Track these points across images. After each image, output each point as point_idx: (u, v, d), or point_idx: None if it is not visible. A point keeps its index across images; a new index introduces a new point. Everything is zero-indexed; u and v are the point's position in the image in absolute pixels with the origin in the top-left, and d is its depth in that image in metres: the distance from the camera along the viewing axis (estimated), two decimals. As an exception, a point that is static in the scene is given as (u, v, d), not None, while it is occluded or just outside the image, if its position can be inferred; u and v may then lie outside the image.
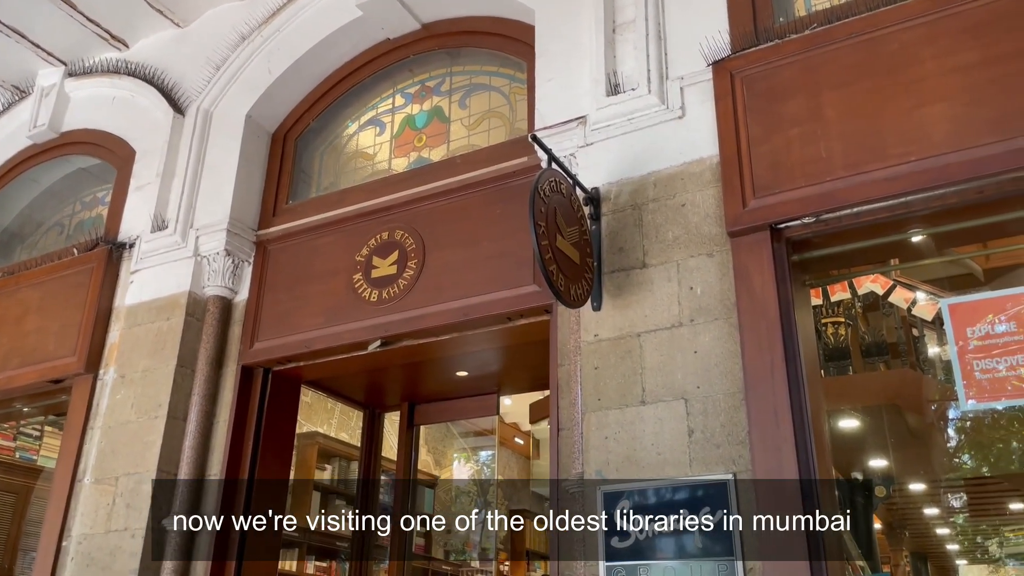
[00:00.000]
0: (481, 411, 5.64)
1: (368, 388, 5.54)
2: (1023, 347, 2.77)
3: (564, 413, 3.66)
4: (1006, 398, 2.77)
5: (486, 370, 5.04)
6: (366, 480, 5.66)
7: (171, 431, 4.46)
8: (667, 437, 3.25)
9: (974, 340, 2.83)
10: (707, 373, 3.27)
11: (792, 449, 2.98)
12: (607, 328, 3.55)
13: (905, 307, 5.56)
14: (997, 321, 2.82)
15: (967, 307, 2.91)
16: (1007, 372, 2.76)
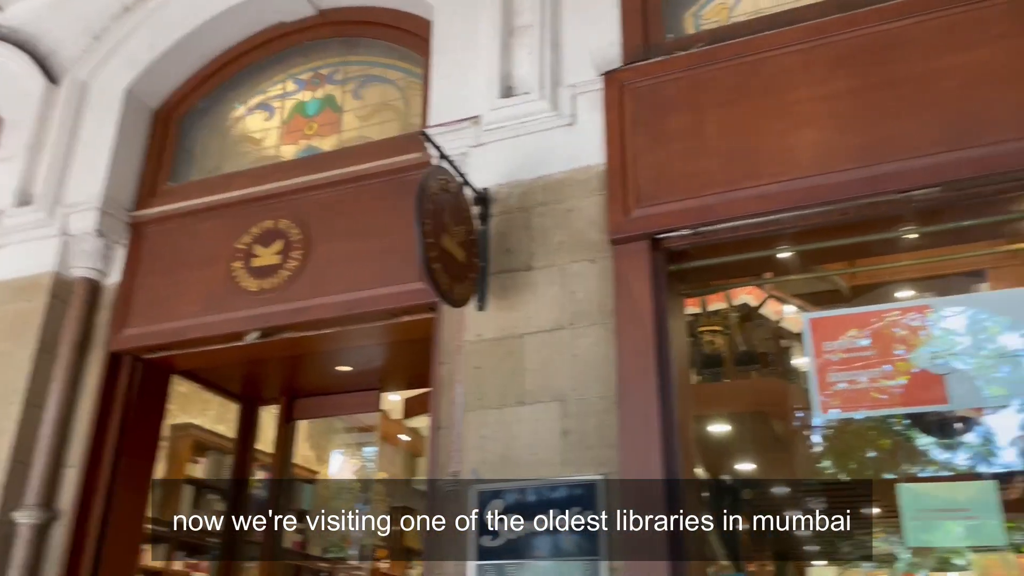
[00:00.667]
0: (363, 407, 5.57)
1: (245, 380, 5.38)
2: (875, 362, 2.95)
3: (443, 412, 3.66)
4: (856, 410, 2.94)
5: (369, 366, 4.98)
6: (239, 475, 5.49)
7: (28, 419, 4.20)
8: (543, 438, 3.30)
9: (830, 353, 3.00)
10: (584, 376, 3.34)
11: (659, 452, 3.07)
12: (490, 328, 3.58)
13: (776, 319, 5.84)
14: (853, 336, 3.00)
15: (826, 322, 3.08)
16: (859, 385, 2.94)
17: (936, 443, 6.12)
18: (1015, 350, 2.81)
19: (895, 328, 2.93)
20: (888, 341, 2.92)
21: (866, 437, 6.93)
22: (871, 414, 2.88)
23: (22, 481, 4.12)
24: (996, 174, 2.92)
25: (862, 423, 6.98)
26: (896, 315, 2.97)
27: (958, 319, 2.93)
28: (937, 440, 5.96)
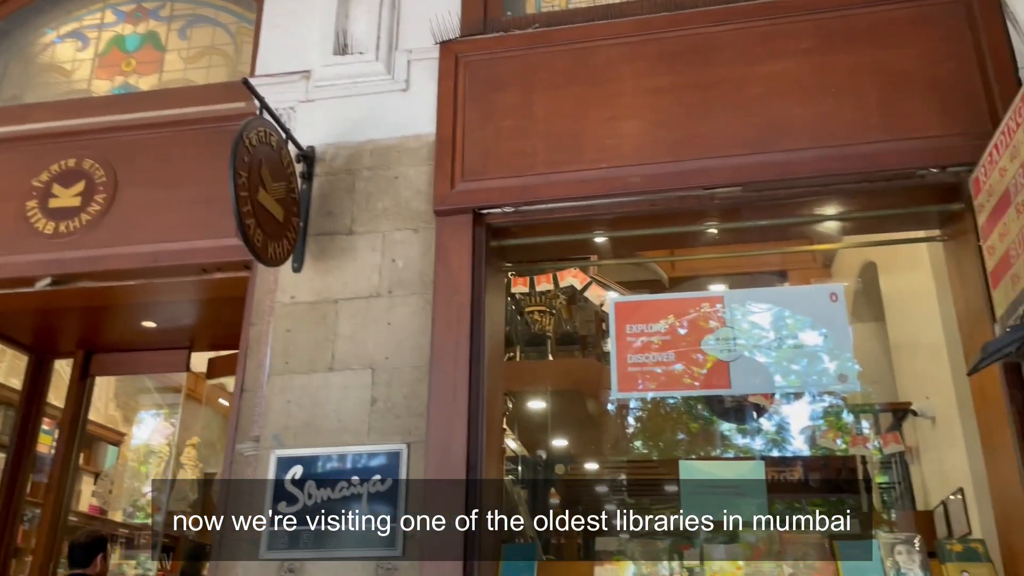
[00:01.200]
0: (170, 366, 5.28)
1: (37, 330, 4.94)
2: (668, 347, 3.11)
3: (250, 375, 3.53)
4: (649, 391, 3.10)
5: (177, 323, 4.72)
6: (24, 431, 5.06)
7: None
8: (350, 405, 3.27)
9: (631, 336, 3.14)
10: (398, 345, 3.32)
11: (464, 423, 3.11)
12: (305, 291, 3.49)
13: (598, 303, 6.05)
14: (652, 322, 3.15)
15: (629, 306, 3.22)
16: (653, 368, 3.10)
17: (736, 429, 6.58)
18: (812, 346, 3.03)
19: (689, 317, 3.10)
20: (682, 328, 3.09)
21: (674, 421, 7.36)
22: (661, 395, 3.04)
23: None
24: (793, 179, 3.14)
25: (671, 407, 7.41)
26: (692, 305, 3.14)
27: (760, 314, 3.13)
28: (736, 426, 6.41)
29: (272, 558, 3.06)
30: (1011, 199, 2.48)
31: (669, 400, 7.64)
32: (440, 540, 2.95)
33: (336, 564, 3.02)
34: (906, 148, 3.04)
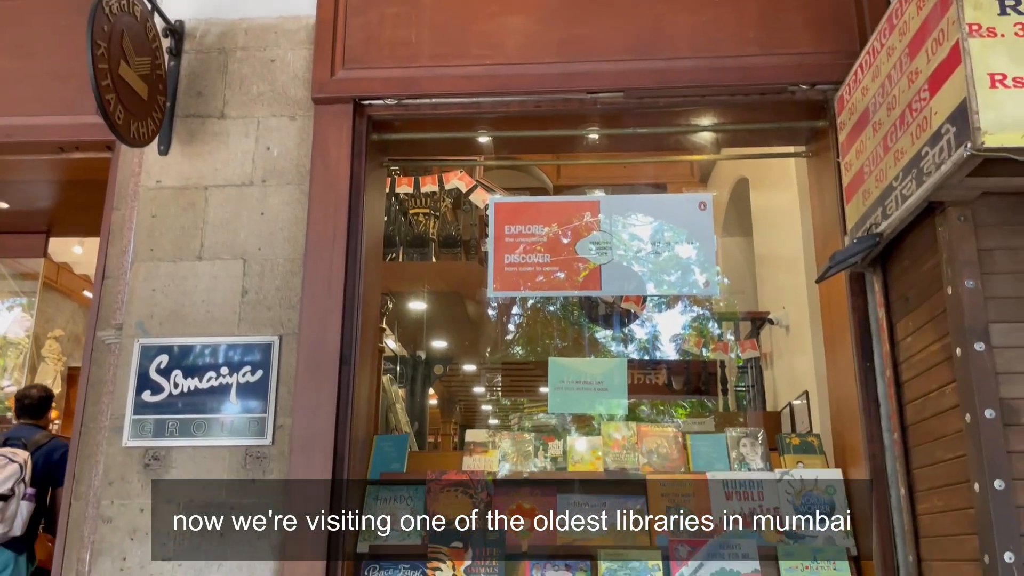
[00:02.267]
0: (26, 251, 4.99)
1: None
2: (544, 249, 3.17)
3: (113, 261, 3.39)
4: (523, 290, 3.17)
5: (34, 205, 4.44)
6: None
7: None
8: (220, 295, 3.19)
9: (509, 237, 3.18)
10: (271, 236, 3.24)
11: (339, 317, 3.10)
12: (172, 175, 3.33)
13: (482, 207, 6.06)
14: (530, 223, 3.19)
15: (509, 207, 3.24)
16: (528, 268, 3.16)
17: (609, 336, 6.84)
18: (680, 252, 3.15)
19: (567, 221, 3.16)
20: (559, 230, 3.15)
21: (550, 327, 7.57)
22: (536, 294, 3.11)
23: None
24: (672, 87, 3.19)
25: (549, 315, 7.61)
26: (570, 209, 3.20)
27: (634, 221, 3.21)
28: (609, 332, 6.66)
29: (136, 446, 3.01)
30: (869, 118, 2.61)
31: (548, 308, 7.85)
32: (310, 430, 2.97)
33: (203, 452, 3.00)
34: (780, 63, 3.13)
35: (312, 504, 2.88)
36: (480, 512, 3.18)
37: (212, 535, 2.90)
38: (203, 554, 2.88)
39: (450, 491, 3.24)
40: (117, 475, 3.00)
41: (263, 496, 2.94)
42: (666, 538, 2.92)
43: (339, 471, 2.97)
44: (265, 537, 2.89)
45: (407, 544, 3.13)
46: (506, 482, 3.27)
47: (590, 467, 3.21)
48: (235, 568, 2.87)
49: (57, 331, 9.46)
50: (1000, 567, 2.07)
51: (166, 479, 2.98)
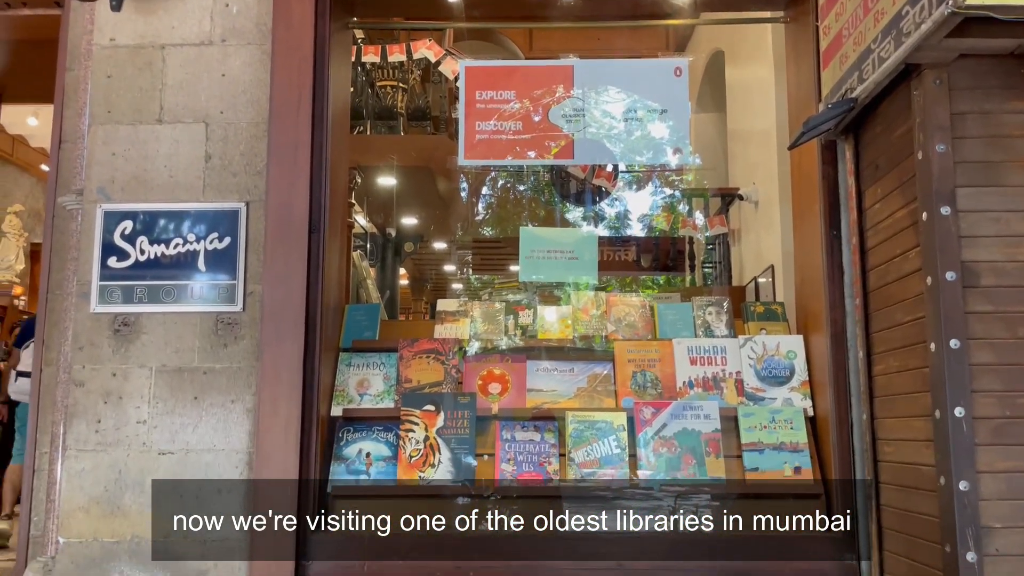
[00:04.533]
0: (-24, 117, 4.77)
1: None
2: (517, 115, 3.11)
3: (69, 124, 3.27)
4: (493, 158, 3.12)
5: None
6: None
7: None
8: (182, 161, 3.10)
9: (480, 103, 3.11)
10: (233, 99, 3.13)
11: (306, 183, 3.04)
12: (126, 33, 3.17)
13: (452, 78, 5.90)
14: (501, 88, 3.11)
15: (481, 71, 3.15)
16: (500, 136, 3.10)
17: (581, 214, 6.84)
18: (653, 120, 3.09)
19: (540, 88, 3.08)
20: (532, 97, 3.08)
21: (521, 205, 7.54)
22: (506, 164, 3.07)
23: None
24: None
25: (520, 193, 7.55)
26: (543, 75, 3.11)
27: (607, 88, 3.13)
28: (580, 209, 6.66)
29: (104, 311, 3.00)
30: (851, -21, 2.54)
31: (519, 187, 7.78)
32: (281, 297, 2.96)
33: (174, 317, 2.99)
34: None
35: (284, 367, 2.91)
36: (451, 378, 3.25)
37: (186, 398, 2.94)
38: (178, 416, 2.93)
39: (422, 358, 3.30)
40: (87, 340, 2.99)
41: (235, 361, 2.97)
42: (631, 400, 3.02)
43: (311, 337, 2.99)
44: (239, 400, 2.94)
45: (380, 408, 3.20)
46: (476, 350, 3.33)
47: (559, 335, 3.27)
48: (210, 430, 2.93)
49: (16, 206, 9.25)
50: (950, 421, 2.17)
51: (137, 344, 2.98)
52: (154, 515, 2.86)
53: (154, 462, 2.91)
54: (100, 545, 2.86)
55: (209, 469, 2.90)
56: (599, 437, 2.95)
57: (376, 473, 3.07)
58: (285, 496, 2.83)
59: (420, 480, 3.02)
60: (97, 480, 2.90)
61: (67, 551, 2.87)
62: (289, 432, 2.88)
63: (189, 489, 2.87)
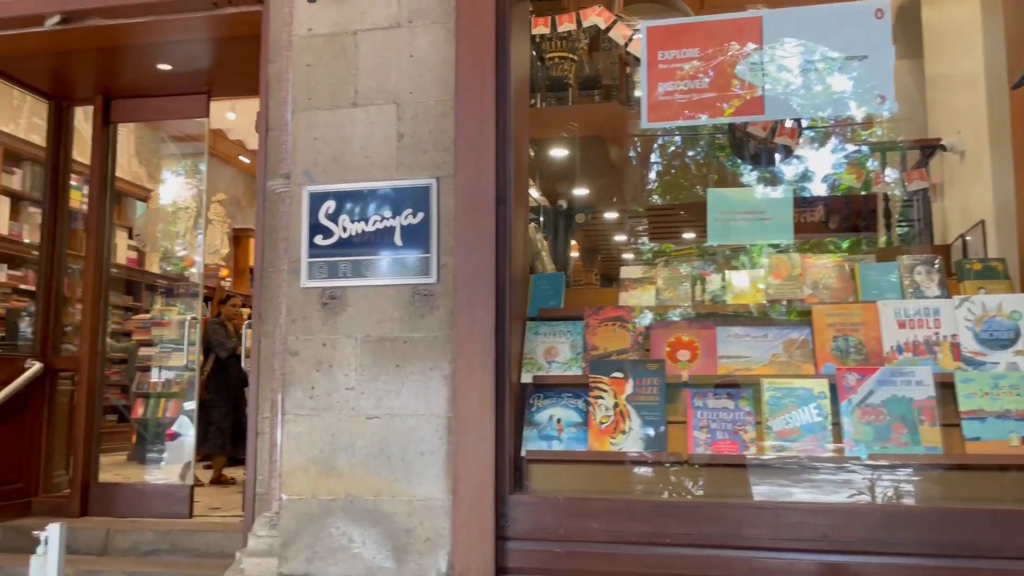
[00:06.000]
0: (189, 112, 5.21)
1: (54, 75, 4.86)
2: (702, 73, 3.01)
3: (274, 113, 3.51)
4: (679, 119, 3.05)
5: (194, 65, 4.61)
6: (55, 182, 5.14)
7: None
8: (376, 141, 3.25)
9: (663, 63, 3.04)
10: (421, 79, 3.24)
11: (492, 157, 3.11)
12: (322, 23, 3.35)
13: (623, 44, 5.81)
14: (685, 47, 3.02)
15: (663, 31, 3.08)
16: (685, 96, 3.02)
17: (756, 176, 6.57)
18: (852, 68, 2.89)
19: (724, 40, 2.97)
20: (717, 54, 2.97)
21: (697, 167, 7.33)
22: (694, 123, 2.98)
23: None
24: None
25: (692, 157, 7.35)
26: (728, 28, 3.00)
27: (798, 39, 2.97)
28: (756, 170, 6.39)
29: (313, 286, 3.21)
30: None
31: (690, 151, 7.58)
32: (472, 267, 3.06)
33: (375, 290, 3.16)
34: None
35: (477, 334, 3.00)
36: (638, 345, 3.24)
37: (389, 366, 3.11)
38: (382, 383, 3.09)
39: (608, 325, 3.30)
40: (299, 313, 3.22)
41: (432, 330, 3.10)
42: (832, 366, 2.88)
43: (501, 305, 3.06)
44: (437, 368, 3.07)
45: (568, 375, 3.24)
46: (664, 316, 3.30)
47: (750, 300, 3.17)
48: (411, 396, 3.07)
49: (220, 195, 10.10)
50: None
51: (343, 316, 3.17)
52: (364, 475, 3.05)
53: (362, 426, 3.10)
54: (318, 502, 3.10)
55: (412, 433, 3.05)
56: (799, 405, 2.84)
57: (567, 439, 3.12)
58: (483, 458, 2.94)
59: (611, 446, 3.04)
60: (313, 442, 3.13)
61: (289, 507, 3.12)
62: (484, 397, 2.98)
63: (395, 451, 3.04)
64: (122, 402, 7.14)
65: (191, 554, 4.28)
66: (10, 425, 4.70)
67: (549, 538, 2.90)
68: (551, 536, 2.90)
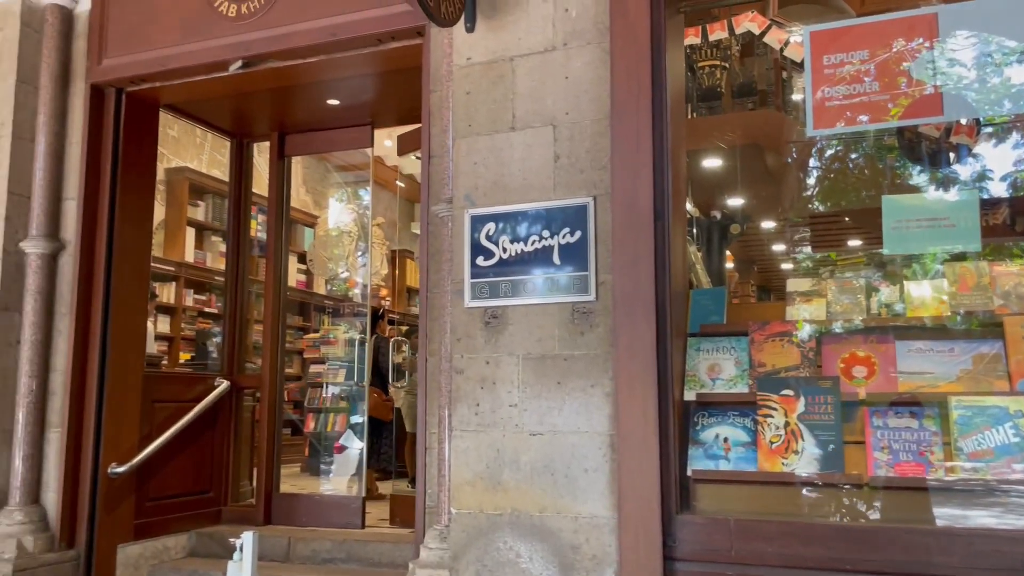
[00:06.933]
0: (355, 143, 5.53)
1: (235, 115, 5.30)
2: (872, 75, 2.87)
3: (436, 140, 3.66)
4: (849, 124, 2.92)
5: (359, 99, 4.88)
6: (237, 212, 5.57)
7: (19, 152, 4.19)
8: (534, 163, 3.31)
9: (828, 68, 2.92)
10: (576, 99, 3.28)
11: (649, 173, 3.09)
12: (480, 51, 3.46)
13: (778, 48, 5.63)
14: (852, 49, 2.90)
15: (828, 34, 2.96)
16: (854, 99, 2.89)
17: (929, 178, 6.16)
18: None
19: (896, 40, 2.82)
20: (888, 54, 2.83)
21: (859, 175, 6.97)
22: (863, 128, 2.84)
23: (24, 212, 4.19)
24: None
25: (855, 162, 6.98)
26: (900, 27, 2.85)
27: (966, 51, 2.80)
28: (930, 173, 5.99)
29: (476, 306, 3.30)
30: None
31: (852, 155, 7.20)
32: (631, 284, 3.05)
33: (535, 309, 3.22)
34: None
35: (638, 351, 2.99)
36: (808, 361, 3.11)
37: (550, 383, 3.15)
38: (544, 400, 3.14)
39: (774, 341, 3.20)
40: (463, 332, 3.32)
41: (592, 348, 3.11)
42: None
43: (661, 322, 3.04)
44: (598, 385, 3.07)
45: (734, 393, 3.16)
46: (835, 330, 3.16)
47: (933, 312, 2.98)
48: (573, 413, 3.09)
49: (379, 219, 10.58)
50: None
51: (504, 334, 3.25)
52: (529, 491, 3.10)
53: (526, 442, 3.15)
54: (485, 516, 3.17)
55: (575, 450, 3.07)
56: (992, 424, 2.64)
57: (735, 458, 3.04)
58: (648, 476, 2.91)
59: (783, 466, 2.93)
60: (479, 457, 3.21)
61: (458, 521, 3.22)
62: (647, 415, 2.96)
63: (558, 468, 3.07)
64: (295, 416, 7.62)
65: (365, 563, 4.48)
66: (202, 439, 5.12)
67: (719, 560, 2.84)
68: (721, 558, 2.83)
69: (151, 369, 5.04)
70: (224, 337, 5.58)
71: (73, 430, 4.17)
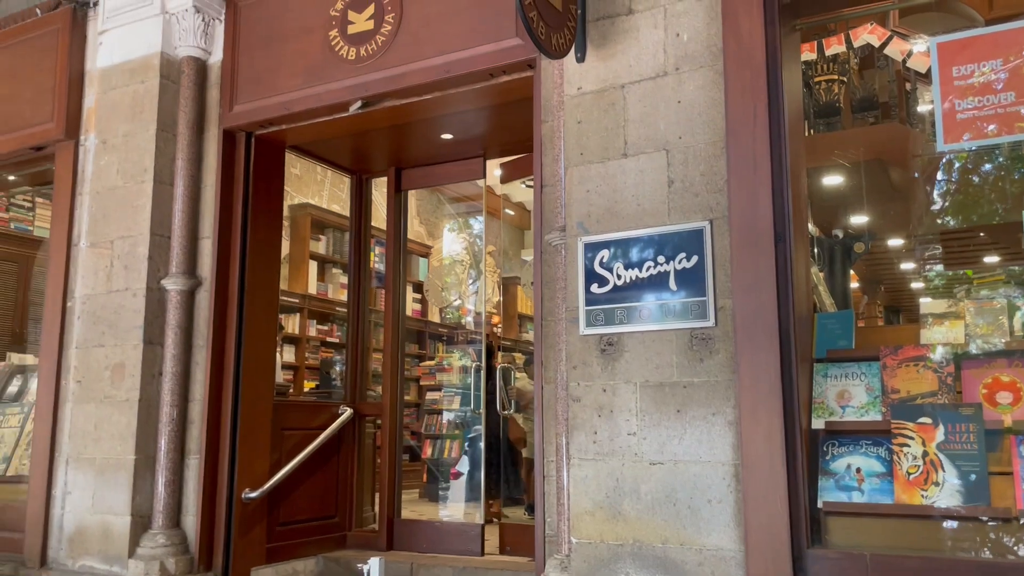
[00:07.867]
0: (468, 175, 5.65)
1: (354, 152, 5.51)
2: (1006, 85, 2.72)
3: (547, 170, 3.69)
4: (983, 138, 2.77)
5: (471, 132, 4.99)
6: (358, 245, 5.78)
7: (159, 195, 4.50)
8: (647, 189, 3.29)
9: (958, 79, 2.79)
10: (690, 123, 3.25)
11: (768, 193, 3.02)
12: (590, 80, 3.48)
13: (900, 59, 5.41)
14: (983, 60, 2.76)
15: (956, 44, 2.83)
16: (987, 111, 2.74)
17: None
18: None
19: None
20: (1022, 62, 2.68)
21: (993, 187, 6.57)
22: (998, 141, 2.68)
23: (165, 251, 4.48)
24: None
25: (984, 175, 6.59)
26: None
27: None
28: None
29: (591, 333, 3.29)
30: None
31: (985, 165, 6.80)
32: (752, 309, 2.97)
33: (652, 336, 3.18)
34: None
35: (761, 378, 2.90)
36: (946, 387, 2.94)
37: (669, 411, 3.09)
38: (664, 428, 3.08)
39: (909, 366, 3.04)
40: (579, 360, 3.32)
41: (712, 375, 3.04)
42: None
43: (785, 348, 2.94)
44: (720, 413, 3.00)
45: (866, 421, 3.02)
46: (975, 353, 2.97)
47: (1086, 333, 2.77)
48: (694, 442, 3.03)
49: (490, 247, 10.75)
50: None
51: (621, 361, 3.22)
52: (650, 521, 3.05)
53: (645, 471, 3.11)
54: (606, 547, 3.13)
55: (697, 480, 3.00)
56: None
57: (869, 490, 2.89)
58: (775, 508, 2.81)
59: (923, 499, 2.77)
60: (599, 487, 3.18)
61: (579, 551, 3.19)
62: (773, 443, 2.86)
63: (681, 498, 3.01)
64: (413, 443, 7.77)
65: (485, 591, 4.50)
66: (327, 465, 5.29)
67: (855, 597, 2.70)
68: (857, 595, 2.70)
69: (279, 398, 5.26)
70: (346, 366, 5.77)
71: (210, 457, 4.40)
